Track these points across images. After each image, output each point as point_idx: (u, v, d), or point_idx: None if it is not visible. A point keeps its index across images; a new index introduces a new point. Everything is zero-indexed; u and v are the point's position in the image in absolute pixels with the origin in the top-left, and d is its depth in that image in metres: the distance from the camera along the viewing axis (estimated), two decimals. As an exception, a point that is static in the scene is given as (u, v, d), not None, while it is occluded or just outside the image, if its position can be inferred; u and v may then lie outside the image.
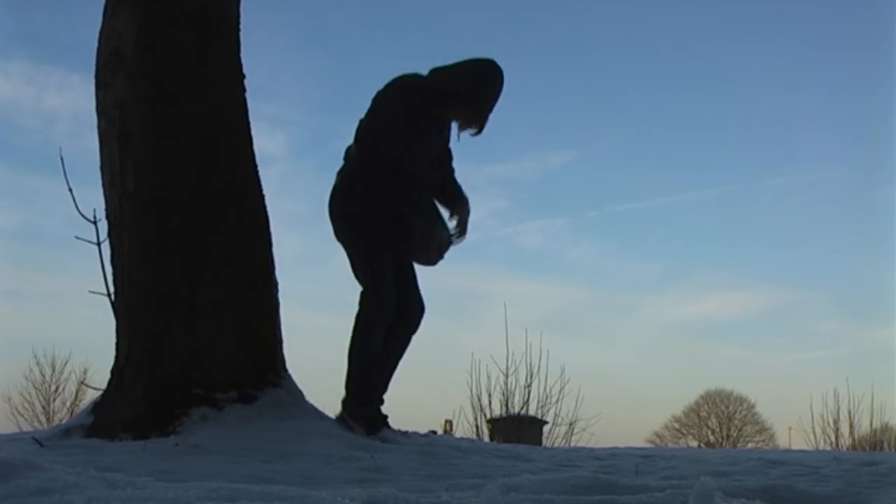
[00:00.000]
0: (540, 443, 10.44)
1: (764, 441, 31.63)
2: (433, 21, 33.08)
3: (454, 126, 3.95)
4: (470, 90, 3.86)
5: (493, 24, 32.77)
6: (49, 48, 28.97)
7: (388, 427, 3.93)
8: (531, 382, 11.02)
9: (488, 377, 11.23)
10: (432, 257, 3.95)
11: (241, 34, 4.05)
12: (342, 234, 3.93)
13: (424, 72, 3.94)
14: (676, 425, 33.62)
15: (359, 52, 32.91)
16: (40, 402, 23.90)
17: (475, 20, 32.69)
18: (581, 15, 33.07)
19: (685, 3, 33.96)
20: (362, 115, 3.94)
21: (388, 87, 3.90)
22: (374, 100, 3.92)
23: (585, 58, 34.82)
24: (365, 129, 3.92)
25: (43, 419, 23.18)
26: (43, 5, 26.74)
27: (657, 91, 35.16)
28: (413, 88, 3.87)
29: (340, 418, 3.81)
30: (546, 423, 11.19)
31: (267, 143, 26.82)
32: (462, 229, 3.98)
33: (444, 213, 4.00)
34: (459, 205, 4.01)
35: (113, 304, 3.91)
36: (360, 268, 3.89)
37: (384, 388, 4.00)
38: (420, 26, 33.03)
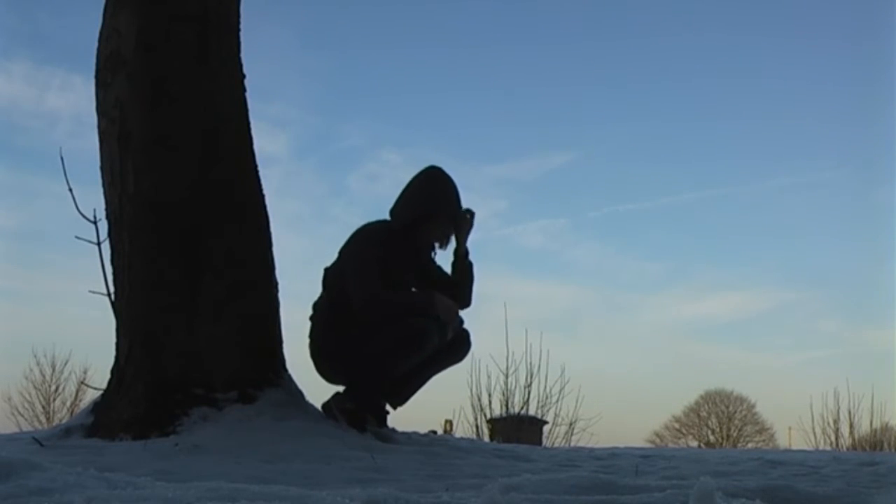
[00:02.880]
0: (540, 443, 10.45)
1: (764, 441, 31.64)
2: (434, 21, 33.11)
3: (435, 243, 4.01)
4: (439, 205, 3.92)
5: (494, 25, 32.83)
6: (51, 49, 28.97)
7: (386, 426, 3.93)
8: (531, 382, 11.05)
9: (488, 377, 11.26)
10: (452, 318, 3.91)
11: (242, 34, 4.06)
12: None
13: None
14: (676, 425, 33.65)
15: (360, 52, 32.95)
16: (40, 402, 23.89)
17: (475, 20, 32.74)
18: (582, 14, 33.07)
19: (686, 4, 33.96)
20: (328, 265, 3.96)
21: (354, 236, 3.93)
22: (343, 250, 3.93)
23: (586, 58, 34.82)
24: (333, 275, 3.92)
25: (43, 419, 23.18)
26: (45, 6, 26.77)
27: (658, 92, 35.15)
28: (380, 234, 3.90)
29: (326, 406, 3.80)
30: (546, 423, 11.20)
31: (268, 143, 26.80)
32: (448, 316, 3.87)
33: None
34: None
35: (113, 304, 3.91)
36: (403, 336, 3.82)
37: (401, 400, 4.00)
38: (421, 26, 33.06)
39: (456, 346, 3.95)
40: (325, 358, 3.90)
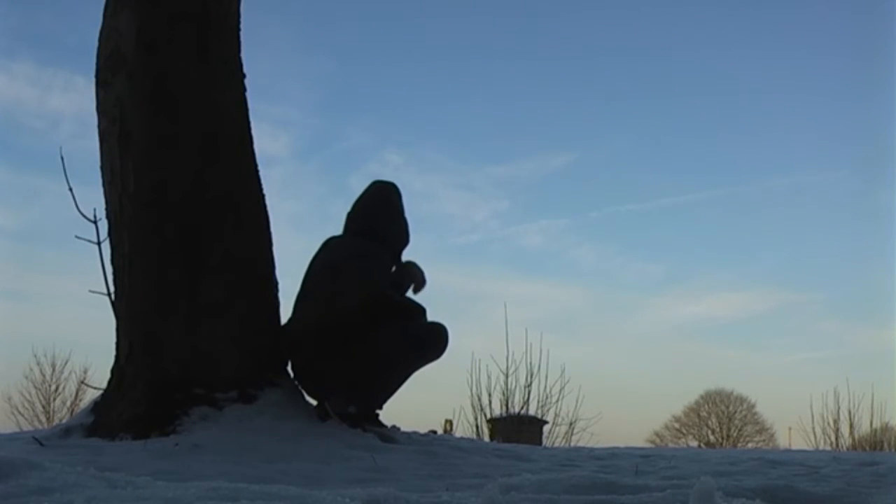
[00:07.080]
0: (540, 443, 10.44)
1: (764, 441, 31.67)
2: (435, 23, 33.12)
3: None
4: (395, 208, 4.08)
5: (494, 26, 32.83)
6: (53, 50, 29.00)
7: (380, 424, 3.92)
8: (531, 382, 11.04)
9: (488, 377, 11.25)
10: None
11: (243, 34, 4.06)
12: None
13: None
14: (676, 425, 33.69)
15: (361, 53, 32.96)
16: (40, 401, 23.91)
17: (476, 22, 32.75)
18: (582, 16, 33.07)
19: (686, 6, 33.96)
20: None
21: (354, 244, 3.96)
22: (344, 253, 3.94)
23: (587, 59, 34.83)
24: (321, 283, 3.89)
25: (43, 419, 23.20)
26: (48, 7, 26.78)
27: (658, 92, 35.14)
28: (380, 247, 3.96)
29: (320, 409, 3.79)
30: (546, 422, 11.19)
31: (269, 144, 26.83)
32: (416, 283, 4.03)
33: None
34: (407, 268, 4.05)
35: (113, 303, 3.91)
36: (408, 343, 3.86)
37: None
38: (422, 28, 33.08)
39: (433, 341, 3.92)
40: (316, 370, 3.83)
